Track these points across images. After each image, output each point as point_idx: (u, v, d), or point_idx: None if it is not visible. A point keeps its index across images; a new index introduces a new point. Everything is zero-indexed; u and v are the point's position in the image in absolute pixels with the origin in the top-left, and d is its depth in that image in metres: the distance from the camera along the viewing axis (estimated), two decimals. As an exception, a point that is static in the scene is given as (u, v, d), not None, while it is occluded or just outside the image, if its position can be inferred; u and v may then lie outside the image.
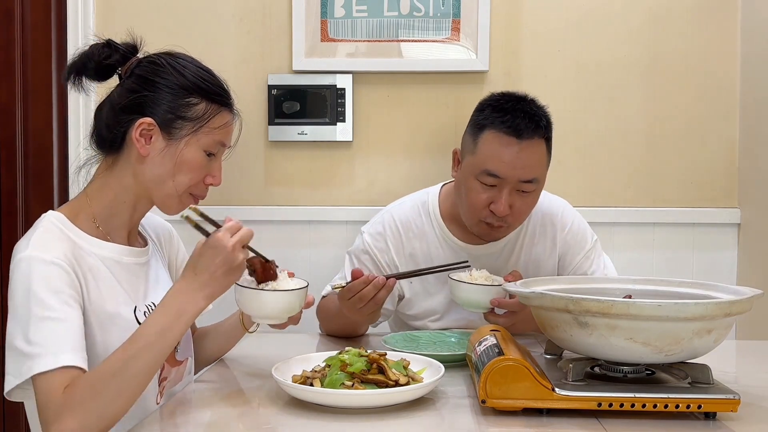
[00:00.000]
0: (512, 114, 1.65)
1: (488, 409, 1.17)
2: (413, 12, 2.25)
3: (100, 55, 1.31)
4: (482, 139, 1.67)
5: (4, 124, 2.28)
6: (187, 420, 1.20)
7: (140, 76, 1.31)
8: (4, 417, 2.29)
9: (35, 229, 1.24)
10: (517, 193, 1.66)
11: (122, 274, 1.31)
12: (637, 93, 2.29)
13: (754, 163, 2.22)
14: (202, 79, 1.33)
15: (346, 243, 2.30)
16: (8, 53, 2.27)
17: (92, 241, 1.28)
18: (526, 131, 1.63)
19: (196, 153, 1.32)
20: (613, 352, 1.17)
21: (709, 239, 2.30)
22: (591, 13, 2.28)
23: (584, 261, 1.84)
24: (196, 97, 1.31)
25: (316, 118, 2.26)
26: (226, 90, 1.37)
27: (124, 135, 1.30)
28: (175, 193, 1.32)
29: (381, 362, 1.23)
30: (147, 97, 1.30)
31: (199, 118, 1.31)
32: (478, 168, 1.66)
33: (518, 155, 1.63)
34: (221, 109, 1.34)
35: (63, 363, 1.12)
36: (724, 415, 1.16)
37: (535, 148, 1.65)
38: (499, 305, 1.58)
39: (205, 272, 1.18)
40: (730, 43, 2.28)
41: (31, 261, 1.17)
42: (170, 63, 1.32)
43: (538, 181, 1.68)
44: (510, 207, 1.65)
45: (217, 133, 1.34)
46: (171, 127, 1.30)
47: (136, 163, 1.31)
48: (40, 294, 1.15)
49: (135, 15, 2.30)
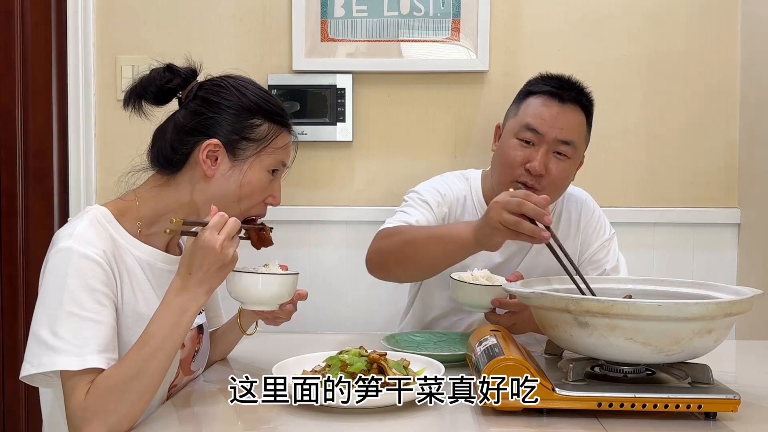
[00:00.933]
0: (557, 80, 1.76)
1: (488, 409, 1.17)
2: (413, 12, 2.25)
3: (162, 80, 1.33)
4: (526, 102, 1.76)
5: (4, 124, 2.28)
6: (187, 420, 1.20)
7: (204, 98, 1.33)
8: (5, 417, 2.29)
9: (80, 220, 1.25)
10: (553, 156, 1.71)
11: (155, 278, 1.33)
12: (637, 93, 2.30)
13: (754, 163, 2.22)
14: (264, 100, 1.35)
15: (346, 243, 2.30)
16: (8, 53, 2.27)
17: (132, 241, 1.30)
18: (568, 95, 1.73)
19: (260, 173, 1.34)
20: (613, 352, 1.17)
21: (709, 239, 2.30)
22: (591, 13, 2.28)
23: (600, 250, 1.86)
24: (259, 119, 1.33)
25: (316, 118, 2.26)
26: (285, 111, 1.39)
27: (188, 155, 1.32)
28: (236, 214, 1.30)
29: (381, 362, 1.23)
30: (212, 119, 1.31)
31: (262, 139, 1.33)
32: (518, 125, 1.74)
33: (558, 115, 1.71)
34: (282, 129, 1.36)
35: (89, 365, 1.13)
36: (724, 415, 1.16)
37: (574, 113, 1.73)
38: (500, 305, 1.58)
39: (199, 272, 1.20)
40: (730, 43, 2.28)
41: (72, 253, 1.18)
42: (233, 84, 1.34)
43: (575, 146, 1.73)
44: (545, 168, 1.69)
45: (280, 153, 1.36)
46: (236, 148, 1.32)
47: (199, 181, 1.32)
48: (74, 289, 1.16)
49: (135, 15, 2.30)
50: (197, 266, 1.19)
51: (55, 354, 1.13)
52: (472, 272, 1.63)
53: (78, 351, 1.13)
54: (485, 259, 1.78)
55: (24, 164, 2.30)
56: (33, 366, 1.15)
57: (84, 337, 1.14)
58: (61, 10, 2.28)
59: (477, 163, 2.07)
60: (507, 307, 1.59)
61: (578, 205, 1.88)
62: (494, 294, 1.58)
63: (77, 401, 1.12)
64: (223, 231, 1.20)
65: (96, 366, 1.13)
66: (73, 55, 2.28)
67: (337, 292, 2.30)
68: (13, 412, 2.29)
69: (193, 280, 1.19)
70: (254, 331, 1.53)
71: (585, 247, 1.87)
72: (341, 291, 2.31)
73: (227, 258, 1.20)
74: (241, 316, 1.51)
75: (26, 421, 2.29)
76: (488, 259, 1.80)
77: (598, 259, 1.85)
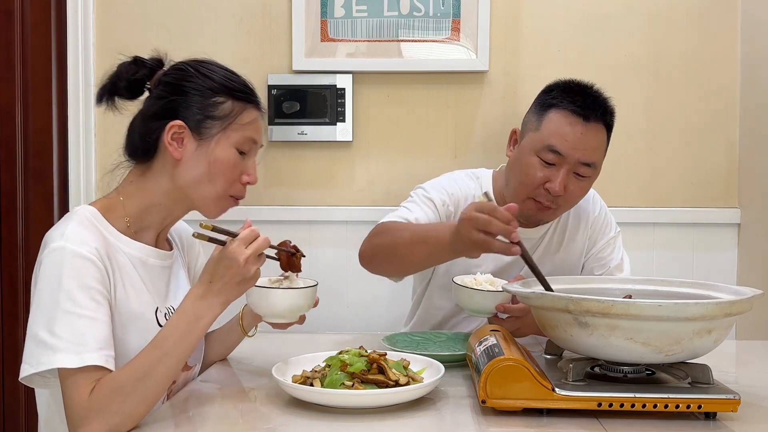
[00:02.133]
0: (582, 96, 1.69)
1: (488, 409, 1.17)
2: (413, 12, 2.25)
3: (129, 73, 1.35)
4: (548, 117, 1.69)
5: (4, 124, 2.28)
6: (187, 419, 1.20)
7: (168, 83, 1.34)
8: (4, 417, 2.29)
9: (69, 220, 1.25)
10: (574, 176, 1.68)
11: (147, 274, 1.33)
12: (637, 93, 2.29)
13: (754, 163, 2.22)
14: (227, 78, 1.36)
15: (346, 243, 2.30)
16: (8, 53, 2.27)
17: (122, 238, 1.30)
18: (593, 114, 1.67)
19: (228, 150, 1.33)
20: (613, 352, 1.17)
21: (709, 239, 2.30)
22: (591, 13, 2.28)
23: (606, 247, 1.86)
24: (223, 96, 1.34)
25: (316, 118, 2.26)
26: (251, 88, 1.39)
27: (156, 142, 1.33)
28: (212, 195, 1.34)
29: (381, 362, 1.23)
30: (176, 102, 1.32)
31: (227, 116, 1.33)
32: (540, 144, 1.68)
33: (582, 136, 1.66)
34: (248, 105, 1.37)
35: (88, 362, 1.13)
36: (724, 415, 1.16)
37: (598, 132, 1.69)
38: (505, 311, 1.56)
39: (219, 281, 1.21)
40: (730, 43, 2.28)
41: (65, 252, 1.18)
42: (195, 67, 1.35)
43: (596, 167, 1.70)
44: (564, 188, 1.67)
45: (247, 129, 1.35)
46: (201, 127, 1.32)
47: (171, 167, 1.33)
48: (70, 288, 1.16)
49: (135, 15, 2.30)
50: (219, 276, 1.20)
51: (53, 353, 1.13)
52: (475, 276, 1.61)
53: (76, 348, 1.13)
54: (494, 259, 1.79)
55: (24, 164, 2.30)
56: (32, 366, 1.15)
57: (81, 334, 1.14)
58: (61, 10, 2.28)
59: (477, 163, 2.07)
60: (511, 312, 1.57)
61: (586, 201, 1.87)
62: (498, 299, 1.56)
63: (79, 399, 1.12)
64: (250, 246, 1.22)
65: (94, 363, 1.13)
66: (73, 55, 2.28)
67: (337, 292, 2.30)
68: (13, 412, 2.29)
69: (213, 289, 1.20)
70: (255, 333, 1.53)
71: (592, 242, 1.86)
72: (341, 291, 2.31)
73: (248, 273, 1.21)
74: (243, 318, 1.51)
75: (26, 421, 2.29)
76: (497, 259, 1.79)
77: (603, 257, 1.85)
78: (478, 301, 1.57)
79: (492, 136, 2.27)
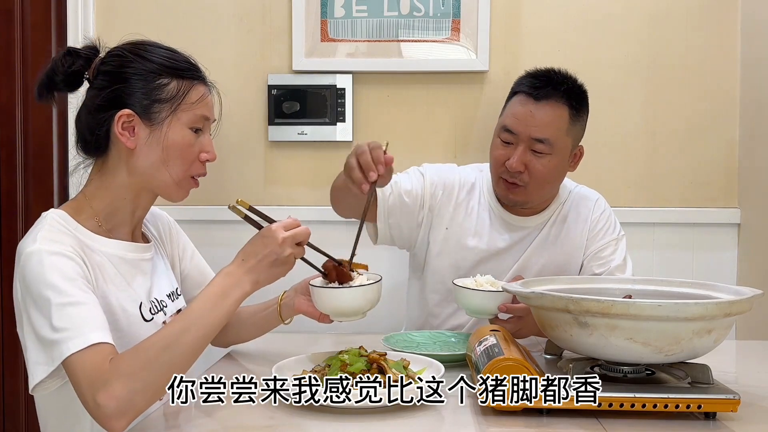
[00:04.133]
0: (537, 78, 1.78)
1: (488, 409, 1.17)
2: (413, 12, 2.25)
3: (64, 65, 1.31)
4: (510, 102, 1.82)
5: (4, 124, 2.28)
6: (188, 419, 1.20)
7: (107, 72, 1.31)
8: (4, 417, 2.29)
9: (39, 226, 1.23)
10: (531, 153, 1.74)
11: (127, 270, 1.32)
12: (637, 93, 2.29)
13: (754, 163, 2.22)
14: (168, 58, 1.32)
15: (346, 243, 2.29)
16: (8, 53, 2.28)
17: (96, 238, 1.29)
18: (543, 92, 1.75)
19: (182, 131, 1.31)
20: (613, 352, 1.17)
21: (709, 239, 2.30)
22: (591, 12, 2.28)
23: (606, 247, 1.86)
24: (166, 77, 1.30)
25: (316, 118, 2.26)
26: (194, 64, 1.35)
27: (107, 134, 1.30)
28: (172, 179, 1.32)
29: (381, 362, 1.23)
30: (119, 90, 1.29)
31: (174, 97, 1.30)
32: (499, 126, 1.81)
33: (531, 114, 1.74)
34: (193, 83, 1.33)
35: (93, 341, 1.12)
36: (724, 415, 1.16)
37: (551, 109, 1.74)
38: (507, 311, 1.56)
39: (252, 259, 1.22)
40: (730, 43, 2.28)
41: (42, 254, 1.17)
42: (133, 51, 1.31)
43: (551, 143, 1.74)
44: (525, 166, 1.74)
45: (197, 107, 1.33)
46: (150, 112, 1.29)
47: (126, 158, 1.30)
48: (56, 282, 1.15)
49: (135, 15, 2.30)
50: (252, 253, 1.22)
51: (60, 344, 1.12)
52: (475, 278, 1.62)
53: (77, 333, 1.12)
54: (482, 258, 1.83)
55: (24, 164, 2.30)
56: (46, 365, 1.14)
57: (81, 318, 1.14)
58: (61, 10, 2.28)
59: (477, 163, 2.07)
60: (513, 311, 1.56)
61: (589, 204, 1.90)
62: (500, 299, 1.55)
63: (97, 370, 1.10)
64: (291, 231, 1.24)
65: (100, 341, 1.13)
66: (73, 55, 2.27)
67: (337, 292, 2.30)
68: (13, 412, 2.29)
69: (243, 266, 1.22)
70: (290, 321, 1.55)
71: (591, 242, 1.87)
72: (341, 291, 2.31)
73: (283, 254, 1.23)
74: (282, 309, 1.51)
75: (26, 421, 2.29)
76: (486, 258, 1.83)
77: (603, 256, 1.85)
78: (478, 302, 1.57)
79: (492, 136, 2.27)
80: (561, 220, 1.87)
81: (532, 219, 1.86)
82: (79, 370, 1.11)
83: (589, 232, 1.87)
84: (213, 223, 2.25)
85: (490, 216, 1.87)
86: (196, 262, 1.58)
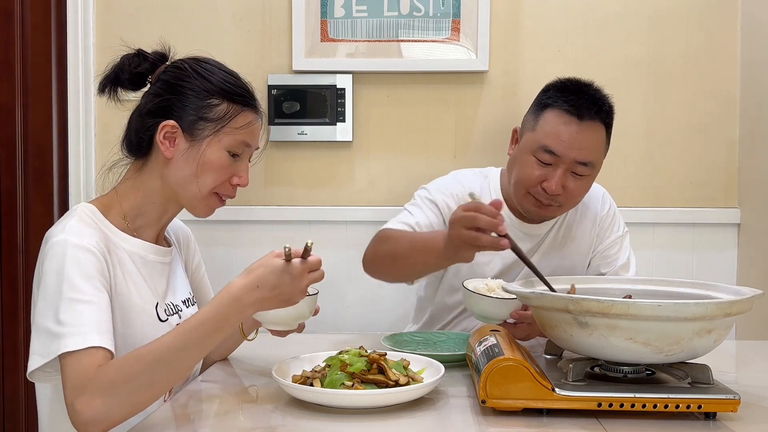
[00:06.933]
0: (576, 95, 1.69)
1: (488, 409, 1.17)
2: (413, 12, 2.25)
3: (131, 65, 1.35)
4: (544, 117, 1.70)
5: (4, 124, 2.28)
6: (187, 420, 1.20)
7: (165, 81, 1.34)
8: (4, 417, 2.29)
9: (69, 217, 1.26)
10: (571, 175, 1.68)
11: (147, 270, 1.34)
12: (637, 93, 2.29)
13: (754, 163, 2.22)
14: (225, 81, 1.35)
15: (346, 243, 2.30)
16: (8, 53, 2.27)
17: (121, 235, 1.31)
18: (588, 113, 1.67)
19: (219, 153, 1.33)
20: (613, 352, 1.17)
21: (709, 239, 2.30)
22: (591, 13, 2.28)
23: (612, 245, 1.86)
24: (218, 99, 1.33)
25: (316, 118, 2.26)
26: (249, 91, 1.38)
27: (151, 139, 1.33)
28: (199, 195, 1.34)
29: (381, 362, 1.23)
30: (171, 101, 1.32)
31: (220, 119, 1.33)
32: (536, 144, 1.69)
33: (577, 135, 1.66)
34: (243, 109, 1.36)
35: (91, 343, 1.13)
36: (724, 415, 1.16)
37: (594, 131, 1.68)
38: (519, 318, 1.53)
39: (267, 290, 1.17)
40: (730, 43, 2.28)
41: (66, 245, 1.19)
42: (194, 67, 1.35)
43: (593, 165, 1.70)
44: (563, 187, 1.68)
45: (240, 133, 1.35)
46: (193, 128, 1.32)
47: (162, 166, 1.33)
48: (72, 277, 1.17)
49: (135, 15, 2.30)
50: (271, 285, 1.17)
51: (60, 339, 1.14)
52: (486, 282, 1.58)
53: (79, 331, 1.13)
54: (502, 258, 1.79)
55: (24, 164, 2.30)
56: (42, 356, 1.15)
57: (84, 318, 1.15)
58: (61, 10, 2.28)
59: (476, 163, 2.07)
60: (524, 319, 1.53)
61: (596, 200, 1.88)
62: (507, 306, 1.51)
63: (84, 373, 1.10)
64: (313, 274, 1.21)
65: (97, 345, 1.13)
66: (73, 55, 2.28)
67: (337, 292, 2.30)
68: (13, 412, 2.29)
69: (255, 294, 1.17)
70: (254, 337, 1.52)
71: (600, 240, 1.86)
72: (341, 291, 2.31)
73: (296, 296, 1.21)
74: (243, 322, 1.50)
75: (26, 421, 2.29)
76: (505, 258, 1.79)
77: (610, 254, 1.85)
78: (485, 308, 1.52)
79: (492, 136, 2.27)
80: (568, 222, 1.86)
81: (540, 226, 1.83)
82: (69, 369, 1.12)
83: (597, 229, 1.86)
84: (213, 223, 2.25)
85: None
86: (204, 283, 1.60)
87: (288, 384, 1.22)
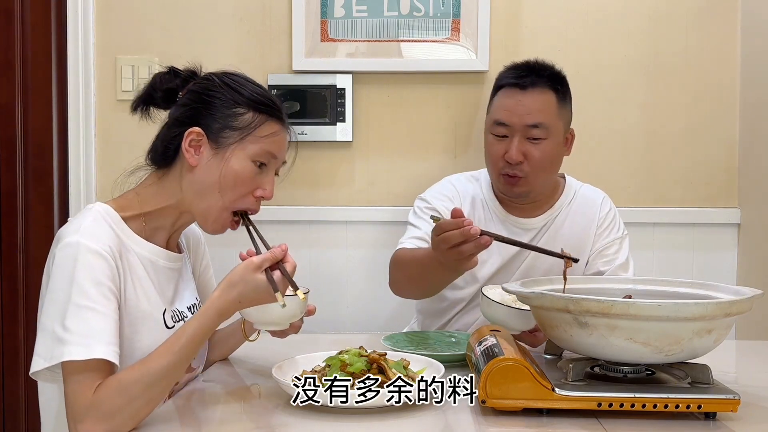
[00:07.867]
0: (518, 70, 1.83)
1: (488, 409, 1.17)
2: (413, 12, 2.25)
3: (163, 82, 1.36)
4: (496, 97, 1.84)
5: (4, 124, 2.28)
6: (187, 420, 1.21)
7: (194, 92, 1.35)
8: (4, 417, 2.29)
9: (84, 217, 1.25)
10: (528, 141, 1.77)
11: (156, 276, 1.34)
12: (637, 93, 2.29)
13: (754, 163, 2.22)
14: (252, 92, 1.35)
15: (346, 243, 2.30)
16: (8, 53, 2.27)
17: (135, 238, 1.31)
18: (529, 81, 1.78)
19: (243, 162, 1.32)
20: (613, 352, 1.17)
21: (709, 239, 2.30)
22: (591, 13, 2.28)
23: (611, 245, 1.87)
24: (244, 108, 1.33)
25: (316, 118, 2.26)
26: (276, 103, 1.38)
27: (177, 148, 1.33)
28: (215, 206, 1.33)
29: (381, 362, 1.23)
30: (198, 110, 1.33)
31: (245, 127, 1.32)
32: (490, 121, 1.82)
33: (521, 102, 1.77)
34: (269, 119, 1.35)
35: (94, 355, 1.13)
36: (724, 415, 1.16)
37: (540, 94, 1.78)
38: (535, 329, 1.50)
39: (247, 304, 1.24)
40: (730, 43, 2.28)
41: (79, 247, 1.19)
42: (222, 79, 1.36)
43: (546, 127, 1.77)
44: (524, 155, 1.76)
45: (265, 142, 1.34)
46: (219, 136, 1.32)
47: (185, 173, 1.33)
48: (82, 282, 1.17)
49: (135, 15, 2.30)
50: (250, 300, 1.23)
51: (63, 346, 1.13)
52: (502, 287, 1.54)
53: (85, 341, 1.13)
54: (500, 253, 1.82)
55: (24, 164, 2.30)
56: (45, 360, 1.15)
57: (91, 327, 1.15)
58: (61, 10, 2.28)
59: (477, 163, 2.07)
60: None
61: (594, 203, 1.91)
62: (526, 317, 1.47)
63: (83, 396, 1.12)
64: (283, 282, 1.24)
65: (102, 357, 1.13)
66: (73, 55, 2.28)
67: (337, 292, 2.30)
68: (13, 412, 2.29)
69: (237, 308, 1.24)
70: (257, 338, 1.52)
71: (597, 238, 1.88)
72: (341, 291, 2.31)
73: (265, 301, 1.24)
74: (245, 323, 1.50)
75: (26, 421, 2.29)
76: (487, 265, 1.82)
77: (609, 253, 1.86)
78: (509, 320, 1.48)
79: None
80: (568, 219, 1.87)
81: (539, 220, 1.86)
82: (71, 384, 1.13)
83: (596, 229, 1.88)
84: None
85: (497, 225, 1.86)
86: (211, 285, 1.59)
87: (288, 384, 1.22)
